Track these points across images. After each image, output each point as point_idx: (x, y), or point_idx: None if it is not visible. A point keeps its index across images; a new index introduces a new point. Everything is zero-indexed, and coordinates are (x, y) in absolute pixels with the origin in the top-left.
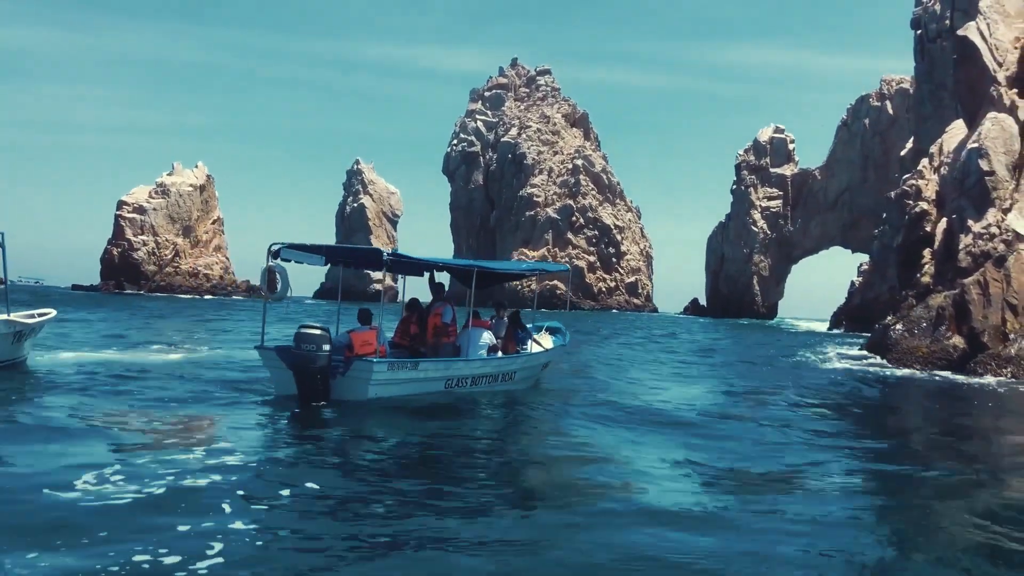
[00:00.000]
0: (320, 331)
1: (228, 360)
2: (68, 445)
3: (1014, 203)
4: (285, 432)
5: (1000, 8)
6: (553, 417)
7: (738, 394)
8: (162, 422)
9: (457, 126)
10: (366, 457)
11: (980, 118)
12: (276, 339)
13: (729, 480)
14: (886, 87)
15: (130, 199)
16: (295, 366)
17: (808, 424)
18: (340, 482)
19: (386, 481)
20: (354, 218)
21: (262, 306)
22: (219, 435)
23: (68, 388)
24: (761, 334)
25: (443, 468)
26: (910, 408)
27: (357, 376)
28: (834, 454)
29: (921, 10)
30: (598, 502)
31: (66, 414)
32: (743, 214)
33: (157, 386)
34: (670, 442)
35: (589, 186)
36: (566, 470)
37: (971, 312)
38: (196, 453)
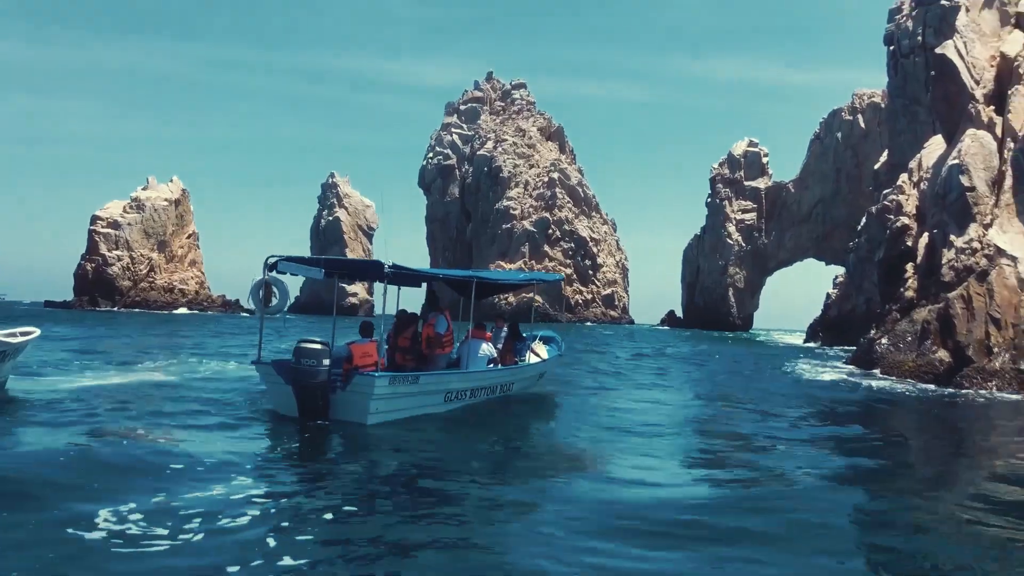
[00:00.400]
0: (320, 345)
1: (221, 376)
2: (75, 479)
3: (994, 218)
4: (287, 450)
5: (976, 27)
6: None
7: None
8: (166, 443)
9: (433, 139)
10: (371, 473)
11: (959, 134)
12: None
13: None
14: (858, 101)
15: (104, 214)
16: (295, 382)
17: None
18: (347, 499)
19: (399, 499)
20: (329, 231)
21: (259, 320)
22: (225, 458)
23: (59, 418)
24: (750, 348)
25: (445, 485)
26: (925, 423)
27: (358, 391)
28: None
29: (894, 26)
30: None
31: (62, 443)
32: (718, 227)
33: (154, 409)
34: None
35: (565, 199)
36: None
37: (955, 326)
38: (207, 479)
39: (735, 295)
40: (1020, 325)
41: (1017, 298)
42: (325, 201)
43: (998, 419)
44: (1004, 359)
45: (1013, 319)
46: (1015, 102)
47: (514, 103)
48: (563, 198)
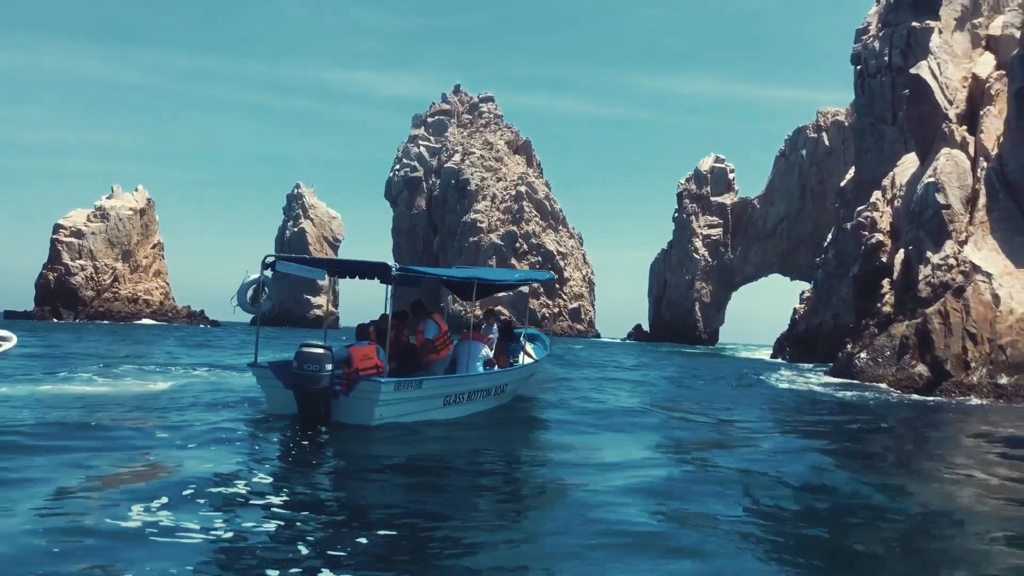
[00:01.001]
0: (323, 350)
1: (209, 383)
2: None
3: (969, 235)
4: (292, 457)
5: (948, 49)
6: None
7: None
8: (168, 456)
9: (400, 151)
10: (379, 479)
11: (933, 153)
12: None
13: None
14: (822, 119)
15: (67, 222)
16: (297, 387)
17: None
18: (359, 504)
19: (412, 504)
20: (294, 242)
21: (256, 321)
22: (229, 466)
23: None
24: (726, 364)
25: (452, 488)
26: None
27: (363, 397)
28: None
29: (860, 46)
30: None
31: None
32: (685, 242)
33: (152, 419)
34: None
35: (532, 212)
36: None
37: (934, 341)
38: (214, 488)
39: (701, 310)
40: (996, 340)
41: (992, 314)
42: (290, 212)
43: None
44: (981, 373)
45: (989, 334)
46: (987, 122)
47: (482, 116)
48: (530, 211)
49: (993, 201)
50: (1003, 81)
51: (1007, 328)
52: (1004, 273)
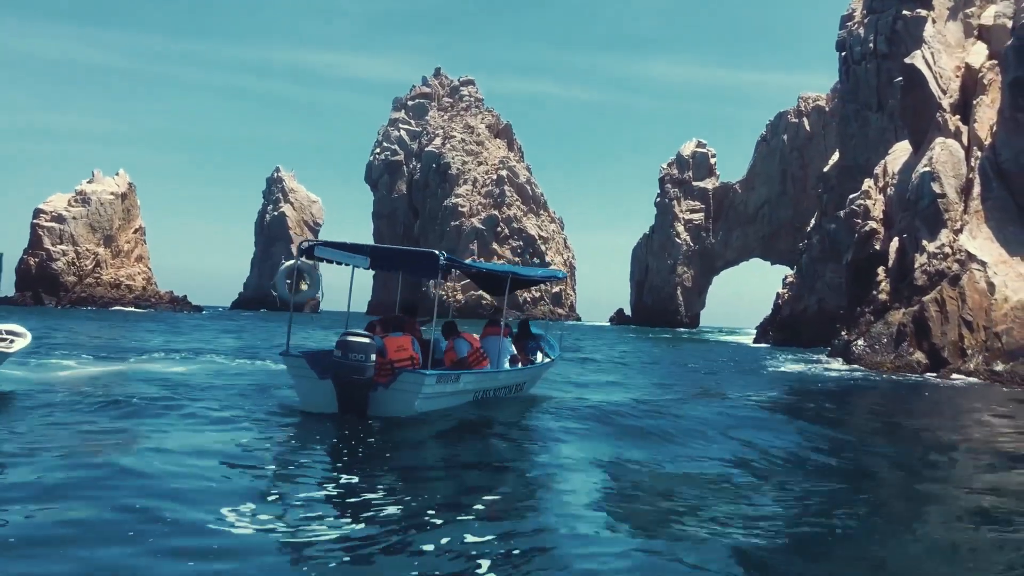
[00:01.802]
0: (368, 339)
1: (229, 371)
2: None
3: (964, 224)
4: (338, 450)
5: (942, 39)
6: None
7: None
8: (203, 441)
9: (380, 135)
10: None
11: (927, 142)
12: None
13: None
14: (803, 104)
15: (48, 207)
16: (340, 376)
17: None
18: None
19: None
20: (274, 227)
21: (290, 307)
22: (271, 459)
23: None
24: (722, 351)
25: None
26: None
27: (404, 389)
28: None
29: (846, 33)
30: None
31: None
32: (667, 226)
33: (178, 402)
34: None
35: (514, 197)
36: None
37: (931, 329)
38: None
39: (683, 294)
40: (992, 328)
41: (987, 302)
42: (270, 196)
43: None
44: (978, 360)
45: (984, 322)
46: (980, 112)
47: (462, 99)
48: (512, 196)
49: (987, 190)
50: (995, 71)
51: (1002, 316)
52: (999, 261)
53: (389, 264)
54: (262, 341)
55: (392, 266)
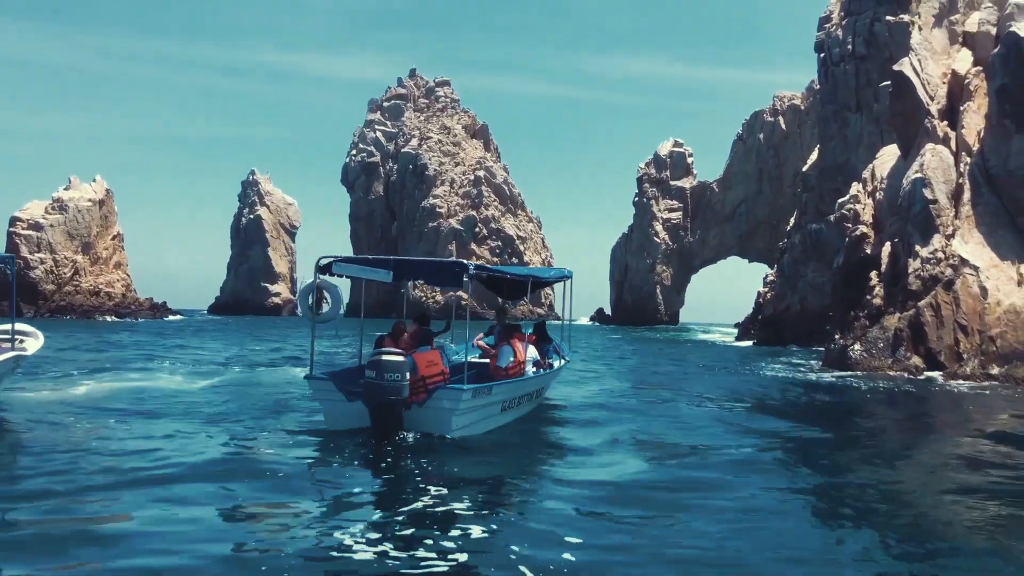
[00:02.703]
0: (402, 357)
1: (243, 384)
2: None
3: (956, 230)
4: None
5: (928, 45)
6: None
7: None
8: (238, 467)
9: (356, 136)
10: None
11: (916, 148)
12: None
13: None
14: (778, 103)
15: (24, 215)
16: (375, 398)
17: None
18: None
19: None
20: (250, 230)
21: (310, 329)
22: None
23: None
24: (715, 352)
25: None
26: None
27: (441, 406)
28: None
29: (824, 35)
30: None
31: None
32: (645, 226)
33: (201, 418)
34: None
35: (491, 197)
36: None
37: (927, 333)
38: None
39: (663, 292)
40: (986, 332)
41: (981, 306)
42: (246, 199)
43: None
44: (974, 364)
45: (979, 326)
46: (967, 118)
47: (438, 100)
48: (489, 196)
49: (977, 195)
50: (981, 77)
51: (995, 320)
52: (990, 266)
53: (413, 276)
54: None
55: (416, 278)
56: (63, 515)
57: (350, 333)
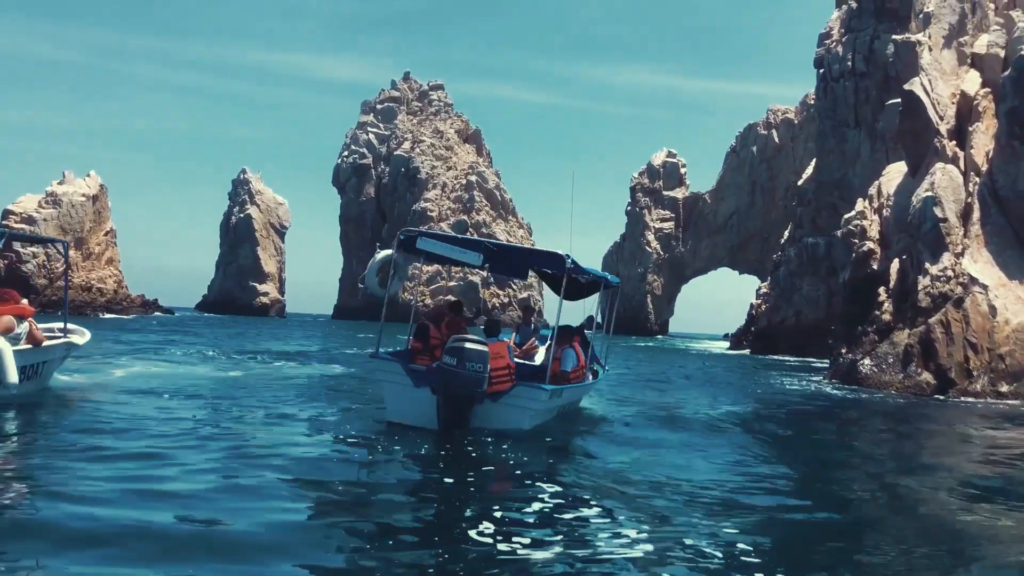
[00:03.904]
0: (484, 346)
1: (283, 375)
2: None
3: (965, 248)
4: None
5: (938, 66)
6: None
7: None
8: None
9: (348, 138)
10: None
11: (925, 166)
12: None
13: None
14: (772, 116)
15: (18, 208)
16: (449, 387)
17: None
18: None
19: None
20: (240, 228)
21: (383, 305)
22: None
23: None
24: (717, 362)
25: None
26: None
27: (519, 403)
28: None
29: (824, 50)
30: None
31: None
32: (637, 235)
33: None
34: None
35: (483, 202)
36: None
37: (937, 350)
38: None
39: (653, 301)
40: (995, 350)
41: (990, 324)
42: (236, 198)
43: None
44: (983, 382)
45: (988, 344)
46: (976, 138)
47: (431, 104)
48: (481, 201)
49: (986, 215)
50: (989, 98)
51: (1004, 338)
52: (999, 285)
53: (504, 262)
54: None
55: (506, 264)
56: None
57: (323, 330)
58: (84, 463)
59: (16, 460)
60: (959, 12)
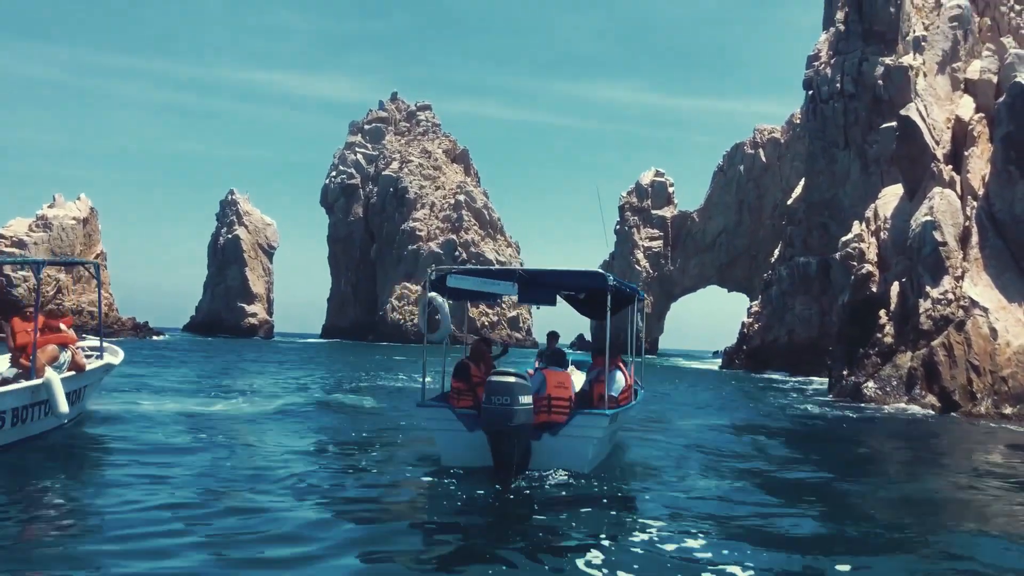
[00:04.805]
0: (517, 378)
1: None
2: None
3: (965, 271)
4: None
5: (932, 91)
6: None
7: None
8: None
9: (336, 158)
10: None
11: (922, 191)
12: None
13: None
14: (759, 136)
15: (8, 232)
16: (502, 426)
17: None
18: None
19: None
20: (228, 250)
21: (422, 351)
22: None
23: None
24: (723, 380)
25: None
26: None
27: (579, 434)
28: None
29: (812, 72)
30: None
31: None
32: (627, 253)
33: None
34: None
35: (471, 221)
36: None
37: (940, 373)
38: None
39: (643, 320)
40: (997, 372)
41: (991, 347)
42: (224, 218)
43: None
44: (987, 404)
45: (991, 367)
46: (972, 163)
47: (419, 124)
48: (469, 220)
49: (984, 239)
50: (983, 123)
51: (1006, 360)
52: (999, 308)
53: (540, 288)
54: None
55: (541, 291)
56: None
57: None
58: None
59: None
60: (951, 38)
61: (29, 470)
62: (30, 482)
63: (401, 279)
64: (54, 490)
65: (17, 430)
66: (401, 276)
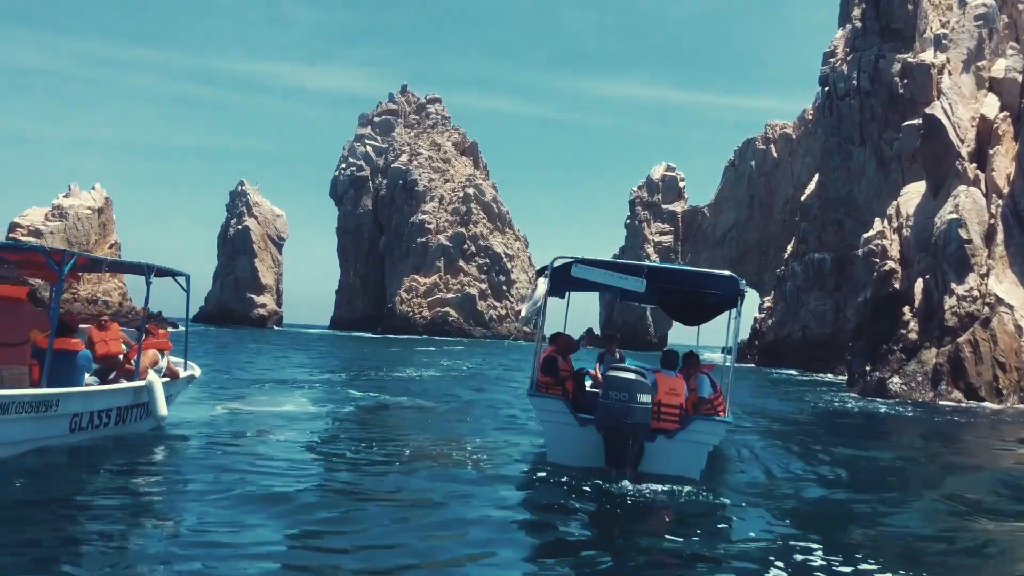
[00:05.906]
0: (637, 375)
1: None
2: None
3: (990, 269)
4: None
5: (957, 90)
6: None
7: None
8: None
9: (345, 150)
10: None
11: (947, 188)
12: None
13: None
14: (770, 131)
15: (24, 221)
16: (610, 420)
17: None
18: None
19: None
20: (238, 240)
21: (536, 341)
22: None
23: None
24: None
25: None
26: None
27: (696, 440)
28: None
29: (828, 69)
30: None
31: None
32: (637, 248)
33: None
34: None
35: (480, 214)
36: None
37: (966, 369)
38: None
39: (652, 314)
40: (1023, 368)
41: (1017, 343)
42: (234, 209)
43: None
44: (1013, 400)
45: (1016, 363)
46: (996, 161)
47: (429, 117)
48: (478, 213)
49: (1009, 236)
50: (1008, 122)
51: None
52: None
53: (670, 286)
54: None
55: (671, 288)
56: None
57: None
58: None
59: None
60: (976, 37)
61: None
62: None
63: (410, 271)
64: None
65: (119, 429)
66: (410, 268)
